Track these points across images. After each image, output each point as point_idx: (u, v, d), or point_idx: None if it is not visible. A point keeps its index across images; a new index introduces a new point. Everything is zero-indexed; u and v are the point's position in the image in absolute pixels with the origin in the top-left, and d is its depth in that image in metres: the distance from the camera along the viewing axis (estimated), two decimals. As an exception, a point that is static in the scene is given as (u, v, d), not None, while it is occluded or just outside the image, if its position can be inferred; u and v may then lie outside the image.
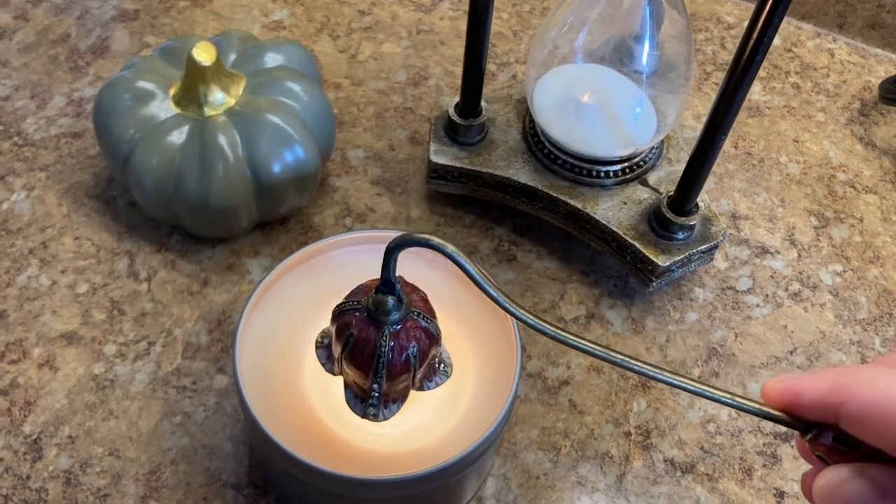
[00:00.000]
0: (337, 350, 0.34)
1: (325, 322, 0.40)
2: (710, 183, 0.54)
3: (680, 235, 0.46)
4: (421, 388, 0.35)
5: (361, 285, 0.34)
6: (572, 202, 0.47)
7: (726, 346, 0.47)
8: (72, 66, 0.56)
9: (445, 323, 0.39)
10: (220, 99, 0.46)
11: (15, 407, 0.43)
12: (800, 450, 0.28)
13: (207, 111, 0.45)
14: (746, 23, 0.37)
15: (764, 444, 0.44)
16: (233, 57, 0.48)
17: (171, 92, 0.46)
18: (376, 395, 0.33)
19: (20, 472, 0.41)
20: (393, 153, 0.54)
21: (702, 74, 0.60)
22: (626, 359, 0.29)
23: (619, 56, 0.48)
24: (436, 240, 0.29)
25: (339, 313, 0.33)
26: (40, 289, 0.47)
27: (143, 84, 0.46)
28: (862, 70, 0.61)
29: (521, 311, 0.29)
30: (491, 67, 0.59)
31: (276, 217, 0.49)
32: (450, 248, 0.29)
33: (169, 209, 0.46)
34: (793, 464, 0.44)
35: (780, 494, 0.43)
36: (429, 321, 0.33)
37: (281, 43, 0.49)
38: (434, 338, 0.33)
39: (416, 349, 0.33)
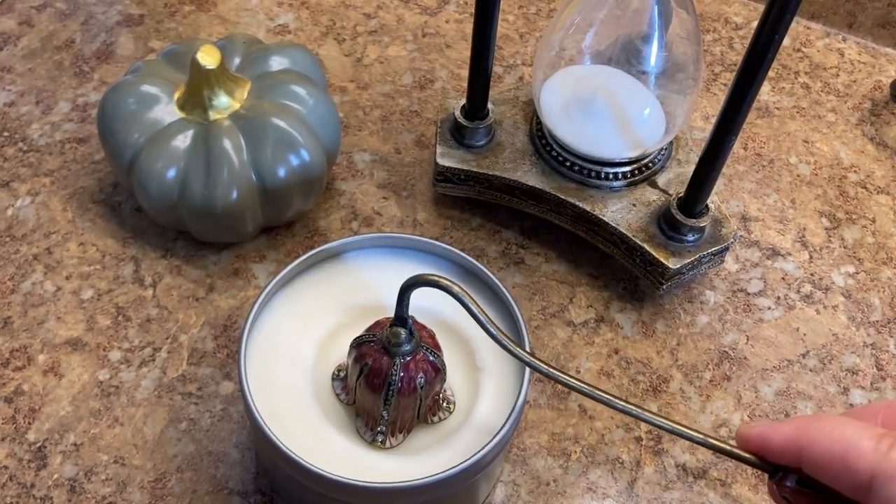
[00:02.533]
0: (353, 378, 0.37)
1: (332, 326, 0.40)
2: (719, 184, 0.53)
3: (690, 237, 0.45)
4: (425, 421, 0.38)
5: (378, 321, 0.37)
6: (581, 204, 0.47)
7: (738, 349, 0.47)
8: (76, 72, 0.56)
9: (463, 334, 0.39)
10: (224, 103, 0.45)
11: (19, 414, 0.42)
12: (770, 492, 0.30)
13: (212, 115, 0.45)
14: (755, 23, 0.37)
15: (777, 449, 0.44)
16: (237, 61, 0.48)
17: (176, 96, 0.46)
18: (385, 420, 0.36)
19: (25, 480, 0.40)
20: (399, 156, 0.53)
21: (710, 75, 0.59)
22: (634, 408, 0.33)
23: (627, 57, 0.48)
24: (444, 282, 0.33)
25: (357, 345, 0.37)
26: (45, 295, 0.46)
27: (147, 88, 0.46)
28: (872, 70, 0.61)
29: (528, 357, 0.33)
30: (497, 69, 0.58)
31: (282, 222, 0.49)
32: (456, 288, 0.33)
33: (174, 214, 0.46)
34: (807, 468, 0.43)
35: (795, 500, 0.42)
36: (436, 356, 0.36)
37: (286, 46, 0.49)
38: (440, 371, 0.37)
39: (423, 379, 0.36)
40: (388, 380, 0.35)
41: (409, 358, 0.36)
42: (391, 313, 0.40)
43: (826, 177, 0.55)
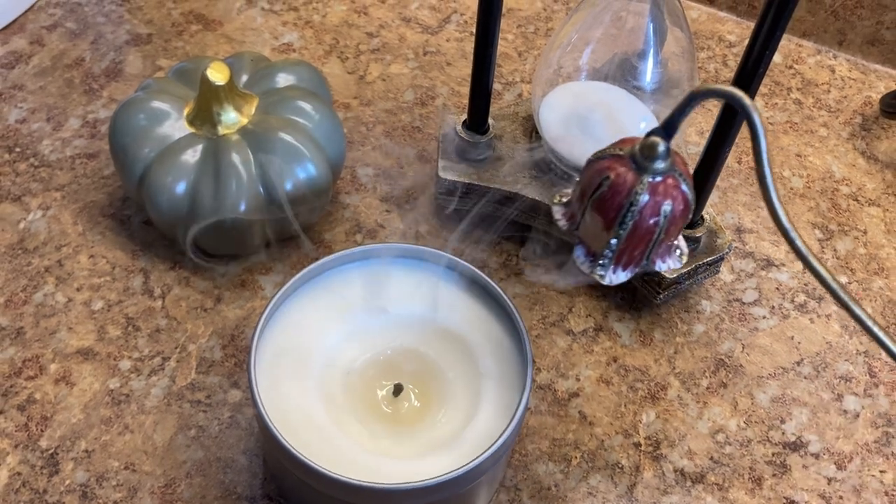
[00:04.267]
0: (584, 196, 0.31)
1: (340, 334, 0.41)
2: (714, 197, 0.55)
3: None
4: (651, 265, 0.32)
5: (620, 140, 0.31)
6: (579, 216, 0.48)
7: (734, 357, 0.48)
8: (86, 89, 0.57)
9: (466, 342, 0.40)
10: (233, 118, 0.47)
11: (32, 422, 0.43)
12: None
13: (221, 130, 0.46)
14: (748, 41, 0.38)
15: (773, 454, 0.45)
16: (245, 78, 0.50)
17: (185, 112, 0.47)
18: (613, 248, 0.31)
19: (37, 486, 0.41)
20: (401, 171, 0.55)
21: (705, 91, 0.61)
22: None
23: (623, 73, 0.49)
24: (738, 94, 0.28)
25: (596, 159, 0.31)
26: (56, 306, 0.47)
27: (157, 104, 0.47)
28: (862, 86, 0.62)
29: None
30: (497, 87, 0.60)
31: (288, 234, 0.50)
32: (746, 101, 0.28)
33: (183, 227, 0.47)
34: (802, 473, 0.44)
35: None
36: (689, 186, 0.31)
37: (292, 63, 0.50)
38: (689, 206, 0.31)
39: (669, 208, 0.30)
40: (629, 199, 0.30)
41: (659, 179, 0.30)
42: (397, 321, 0.41)
43: (818, 189, 0.56)
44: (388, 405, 0.40)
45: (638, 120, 0.49)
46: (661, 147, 0.29)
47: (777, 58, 0.64)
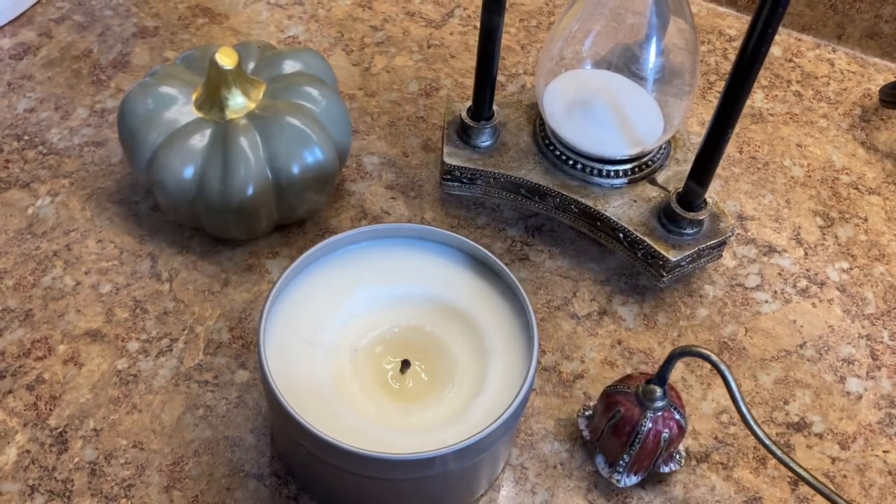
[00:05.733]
0: (602, 421, 0.41)
1: (348, 312, 0.41)
2: (716, 185, 0.55)
3: (689, 231, 0.47)
4: (656, 469, 0.42)
5: (629, 376, 0.42)
6: (583, 201, 0.49)
7: (737, 340, 0.48)
8: (94, 80, 0.58)
9: (472, 319, 0.41)
10: (241, 103, 0.47)
11: (41, 401, 0.44)
12: None
13: (229, 114, 0.47)
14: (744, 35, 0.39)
15: (777, 434, 0.45)
16: (252, 65, 0.50)
17: (194, 97, 0.48)
18: (626, 462, 0.41)
19: (46, 463, 0.42)
20: (406, 159, 0.55)
21: (705, 84, 0.62)
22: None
23: (626, 63, 0.50)
24: (713, 357, 0.38)
25: (610, 393, 0.41)
26: (65, 289, 0.48)
27: (166, 89, 0.48)
28: (861, 79, 0.63)
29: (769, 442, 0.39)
30: (500, 79, 0.60)
31: (295, 219, 0.50)
32: (722, 365, 0.38)
33: (191, 211, 0.47)
34: (806, 453, 0.44)
35: (795, 483, 0.43)
36: (682, 416, 0.40)
37: (299, 51, 0.51)
38: (683, 431, 0.41)
39: (668, 435, 0.40)
40: (636, 429, 0.40)
41: (659, 413, 0.40)
42: (407, 302, 0.42)
43: (819, 178, 0.57)
44: (396, 381, 0.40)
45: (640, 105, 0.49)
46: (659, 392, 0.40)
47: (776, 51, 0.64)
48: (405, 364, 0.40)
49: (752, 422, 0.39)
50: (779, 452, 0.39)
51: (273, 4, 0.64)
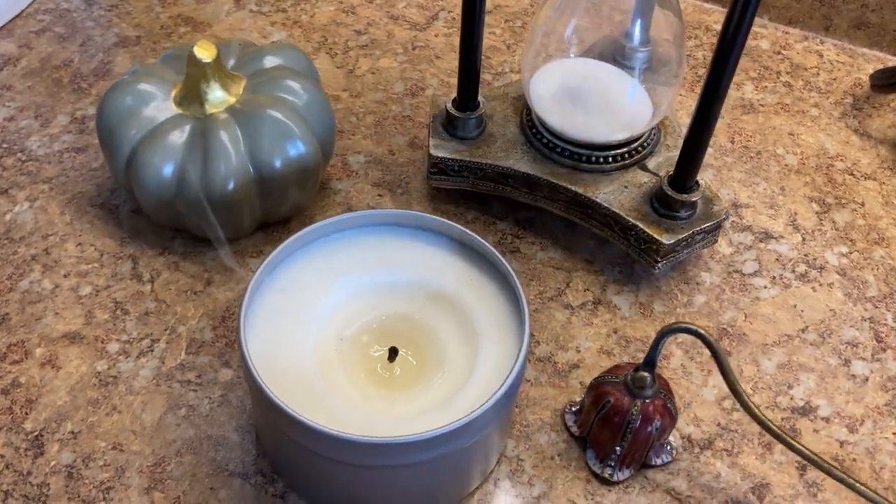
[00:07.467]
0: (591, 414, 0.40)
1: (331, 302, 0.40)
2: (709, 174, 0.54)
3: (682, 214, 0.46)
4: (647, 462, 0.40)
5: (616, 366, 0.41)
6: (573, 188, 0.47)
7: (737, 325, 0.47)
8: (75, 88, 0.57)
9: (460, 304, 0.39)
10: (220, 97, 0.46)
11: (16, 405, 0.42)
12: None
13: (208, 109, 0.46)
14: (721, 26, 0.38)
15: (783, 419, 0.43)
16: (232, 61, 0.49)
17: (173, 94, 0.47)
18: (617, 455, 0.39)
19: (21, 468, 0.40)
20: (393, 157, 0.54)
21: (693, 77, 0.61)
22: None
23: (612, 53, 0.49)
24: (701, 331, 0.36)
25: (598, 384, 0.40)
26: (42, 292, 0.46)
27: (144, 86, 0.47)
28: (851, 69, 0.62)
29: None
30: (486, 76, 0.60)
31: (279, 216, 0.49)
32: (711, 340, 0.37)
33: (172, 211, 0.46)
34: (813, 437, 0.43)
35: (803, 467, 0.42)
36: (672, 404, 0.39)
37: (280, 47, 0.50)
38: (674, 419, 0.39)
39: (659, 423, 0.39)
40: (626, 419, 0.38)
41: (649, 401, 0.38)
42: (393, 290, 0.40)
43: (813, 166, 0.56)
44: (384, 369, 0.39)
45: (627, 89, 0.48)
46: (648, 379, 0.38)
47: (764, 44, 0.64)
48: (393, 352, 0.39)
49: (743, 395, 0.37)
50: (773, 427, 0.37)
51: (256, 12, 0.64)
